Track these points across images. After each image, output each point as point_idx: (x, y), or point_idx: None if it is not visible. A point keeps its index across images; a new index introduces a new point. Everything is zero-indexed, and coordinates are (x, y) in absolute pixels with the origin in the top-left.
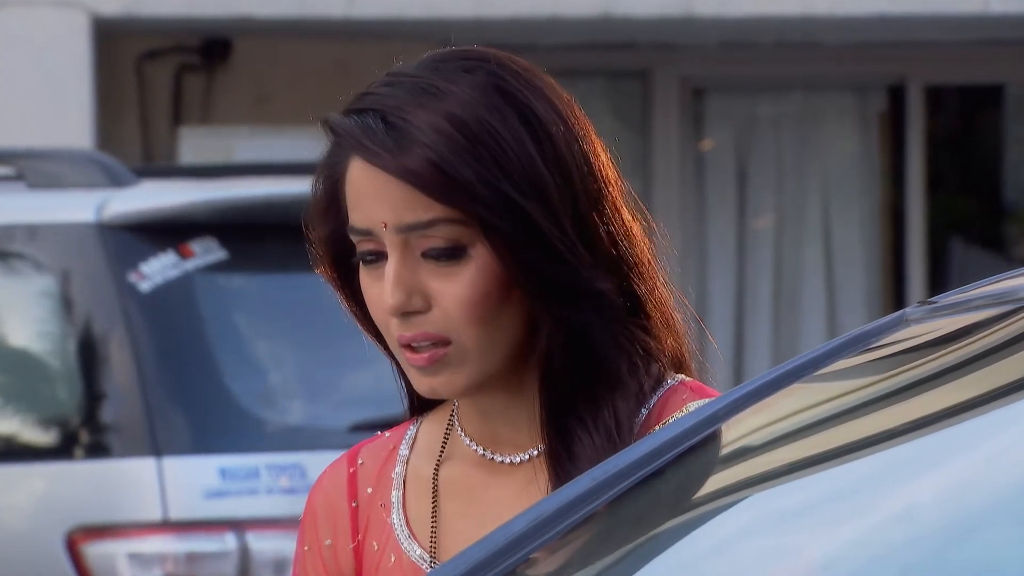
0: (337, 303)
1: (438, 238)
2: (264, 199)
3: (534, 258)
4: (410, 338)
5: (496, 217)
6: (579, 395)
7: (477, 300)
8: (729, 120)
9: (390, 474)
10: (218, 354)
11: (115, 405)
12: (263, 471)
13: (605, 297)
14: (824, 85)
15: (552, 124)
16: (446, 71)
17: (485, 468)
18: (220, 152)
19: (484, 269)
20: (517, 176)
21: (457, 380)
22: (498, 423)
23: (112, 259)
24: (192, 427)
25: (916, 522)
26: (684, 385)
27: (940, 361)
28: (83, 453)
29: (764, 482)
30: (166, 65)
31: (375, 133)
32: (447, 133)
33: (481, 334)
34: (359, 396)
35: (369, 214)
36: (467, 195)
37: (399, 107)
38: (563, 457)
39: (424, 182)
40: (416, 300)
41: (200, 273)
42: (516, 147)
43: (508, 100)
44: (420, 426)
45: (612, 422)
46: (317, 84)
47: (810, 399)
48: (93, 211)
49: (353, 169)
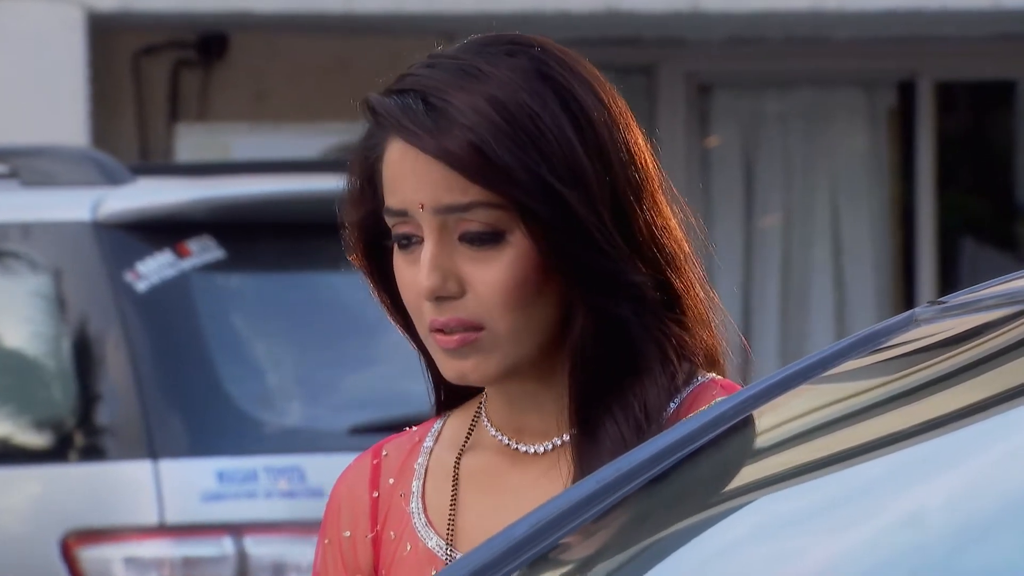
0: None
1: (476, 222)
2: (262, 197)
3: (571, 246)
4: (443, 323)
5: (534, 202)
6: (609, 386)
7: (513, 286)
8: (736, 117)
9: (413, 465)
10: (215, 355)
11: (111, 407)
12: (261, 474)
13: (641, 289)
14: (833, 81)
15: (594, 111)
16: (488, 54)
17: (507, 457)
18: (217, 149)
19: (521, 255)
20: (556, 162)
21: (487, 366)
22: (525, 411)
23: (108, 258)
24: (189, 429)
25: (925, 526)
26: (715, 383)
27: (950, 362)
28: (78, 456)
29: (771, 485)
30: (162, 61)
31: (415, 113)
32: (488, 115)
33: (514, 321)
34: (359, 398)
35: (406, 195)
36: (506, 179)
37: (440, 88)
38: (588, 445)
39: (463, 164)
40: (451, 284)
41: (197, 273)
42: (556, 132)
43: (550, 85)
44: (447, 420)
45: (642, 415)
46: (316, 80)
47: (818, 400)
48: (88, 209)
49: (391, 150)
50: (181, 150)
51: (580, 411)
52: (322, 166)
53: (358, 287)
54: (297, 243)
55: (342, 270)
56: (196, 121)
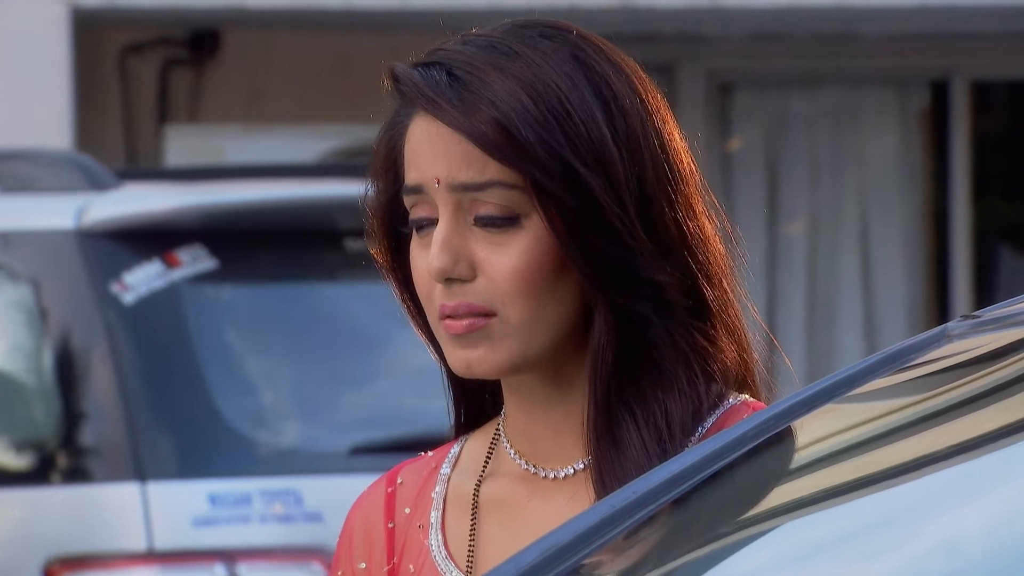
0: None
1: (492, 203)
2: (257, 204)
3: (589, 233)
4: (452, 308)
5: (554, 185)
6: (631, 391)
7: (526, 272)
8: (759, 118)
9: (430, 494)
10: (207, 371)
11: (96, 426)
12: (255, 497)
13: (664, 290)
14: (861, 80)
15: (627, 100)
16: (523, 35)
17: (529, 484)
18: (209, 153)
19: (536, 241)
20: (582, 146)
21: (495, 356)
22: (545, 426)
23: (93, 268)
24: (179, 450)
25: (961, 554)
26: (747, 405)
27: (984, 380)
28: (61, 478)
29: (795, 510)
30: (151, 59)
31: (438, 84)
32: (513, 92)
33: (527, 309)
34: (360, 416)
35: (424, 170)
36: (526, 158)
37: (468, 63)
38: (608, 452)
39: (483, 139)
40: (462, 267)
41: (188, 284)
42: (584, 116)
43: (583, 69)
44: (464, 444)
45: (664, 424)
46: (314, 79)
47: (845, 421)
48: (72, 217)
49: (414, 125)
50: (171, 154)
51: (599, 415)
52: (320, 171)
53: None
54: (294, 252)
55: (341, 281)
56: (186, 123)
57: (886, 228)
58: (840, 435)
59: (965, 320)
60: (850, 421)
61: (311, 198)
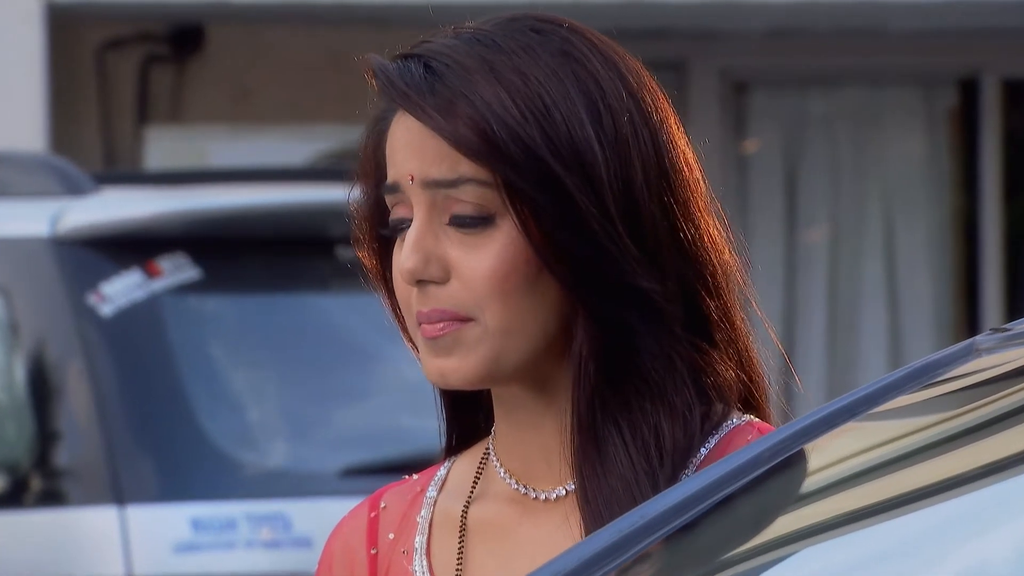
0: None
1: (465, 202)
2: (243, 209)
3: (564, 235)
4: (426, 314)
5: (526, 182)
6: (616, 404)
7: (500, 274)
8: (776, 119)
9: (415, 518)
10: (190, 388)
11: (71, 446)
12: (241, 522)
13: (649, 296)
14: (885, 78)
15: (617, 100)
16: (512, 28)
17: (519, 505)
18: (193, 155)
19: (510, 242)
20: (561, 145)
21: (469, 363)
22: (533, 443)
23: (68, 278)
24: (160, 471)
25: None
26: (752, 426)
27: (1015, 397)
28: (35, 501)
29: (815, 535)
30: (130, 56)
31: (412, 78)
32: (489, 84)
33: (503, 313)
34: (352, 435)
35: (400, 167)
36: (498, 155)
37: (446, 55)
38: (595, 469)
39: (453, 135)
40: (433, 268)
41: (169, 294)
42: (565, 111)
43: (571, 65)
44: (452, 466)
45: (652, 439)
46: (304, 77)
47: (867, 440)
48: (46, 223)
49: (396, 123)
50: (151, 156)
51: (583, 429)
52: (311, 174)
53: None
54: (282, 261)
55: (333, 291)
56: (168, 123)
57: (911, 235)
58: (862, 455)
59: (995, 333)
60: (872, 440)
61: (301, 203)
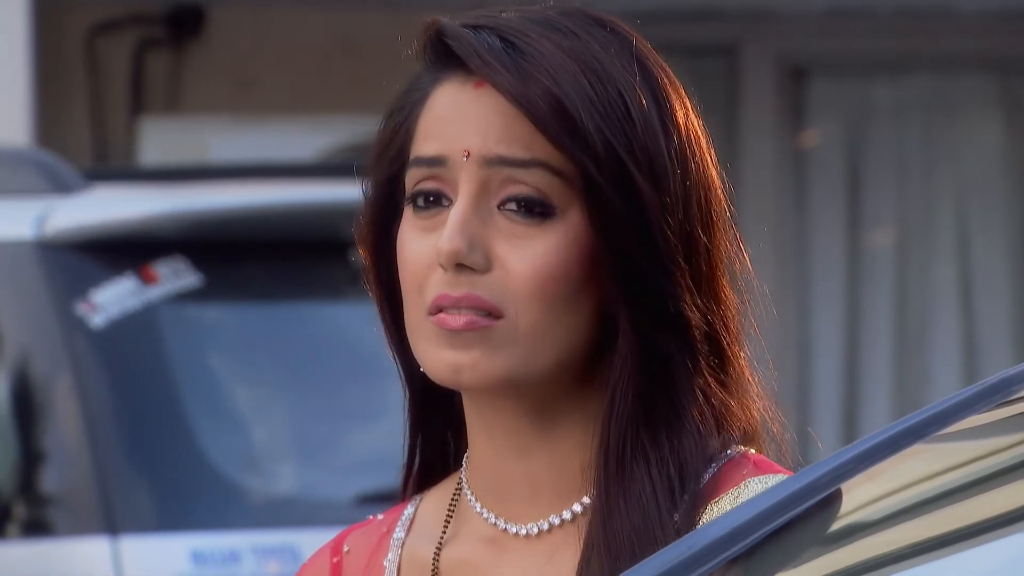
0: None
1: (528, 185)
2: (247, 209)
3: (631, 243)
4: (453, 300)
5: (604, 179)
6: (647, 436)
7: (552, 273)
8: (837, 108)
9: (381, 562)
10: (189, 406)
11: (60, 471)
12: (246, 554)
13: (690, 327)
14: (958, 64)
15: (680, 114)
16: (573, 15)
17: (496, 545)
18: (192, 149)
19: (570, 239)
20: (637, 147)
21: (489, 364)
22: (518, 476)
23: (56, 286)
24: (156, 498)
25: None
26: (747, 458)
27: None
28: (19, 531)
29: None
30: (123, 40)
31: (491, 46)
32: (573, 72)
33: (540, 318)
34: (367, 458)
35: (450, 140)
36: (583, 144)
37: (522, 32)
38: (619, 505)
39: (539, 112)
40: (477, 255)
41: (167, 303)
42: (643, 119)
43: (640, 68)
44: (420, 504)
45: (676, 475)
46: (312, 64)
47: (936, 464)
48: (32, 225)
49: (439, 93)
50: (147, 150)
51: (611, 458)
52: (321, 170)
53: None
54: (290, 266)
55: (346, 299)
56: (165, 114)
57: (988, 237)
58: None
59: None
60: (942, 464)
61: (310, 203)
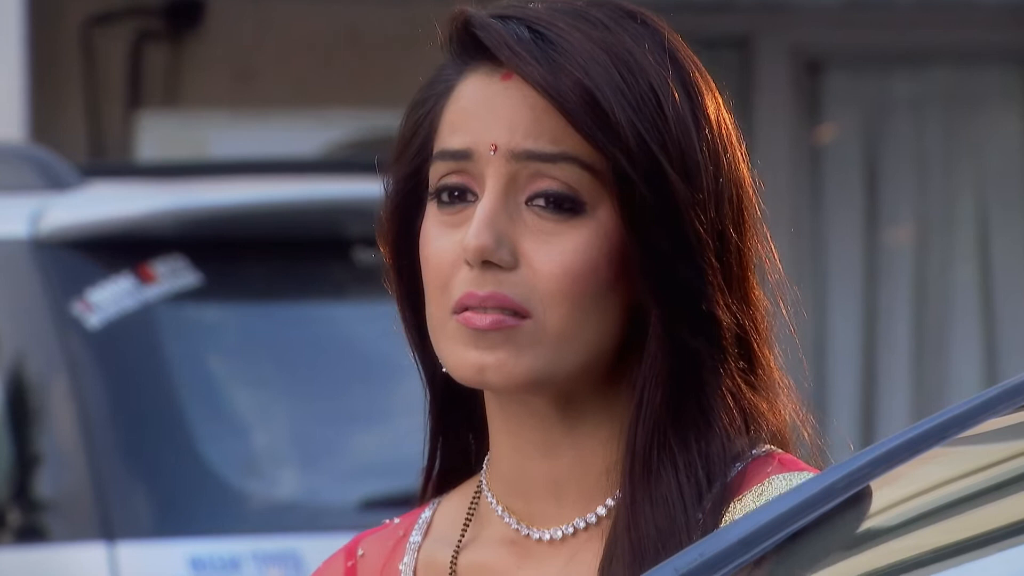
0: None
1: (557, 180)
2: (248, 207)
3: (665, 242)
4: (480, 298)
5: (637, 174)
6: (676, 439)
7: (580, 273)
8: (855, 102)
9: (397, 566)
10: (188, 408)
11: (55, 475)
12: (247, 560)
13: (720, 328)
14: (978, 57)
15: (711, 108)
16: (603, 7)
17: (517, 549)
18: (191, 145)
19: (600, 236)
20: (670, 142)
21: (515, 365)
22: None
23: (51, 285)
24: (154, 503)
25: None
26: (772, 457)
27: None
28: (13, 537)
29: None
30: (120, 33)
31: (520, 37)
32: (604, 64)
33: (568, 317)
34: (371, 463)
35: (477, 134)
36: (615, 138)
37: (551, 22)
38: (643, 509)
39: (570, 104)
40: (504, 252)
41: (165, 303)
42: (675, 114)
43: (672, 63)
44: (437, 508)
45: (704, 478)
46: (313, 57)
47: (957, 467)
48: (26, 223)
49: (465, 86)
50: (144, 145)
51: (635, 463)
52: (324, 167)
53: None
54: (292, 265)
55: (350, 299)
56: (163, 109)
57: (1009, 235)
58: (951, 484)
59: None
60: (963, 468)
61: (313, 200)
